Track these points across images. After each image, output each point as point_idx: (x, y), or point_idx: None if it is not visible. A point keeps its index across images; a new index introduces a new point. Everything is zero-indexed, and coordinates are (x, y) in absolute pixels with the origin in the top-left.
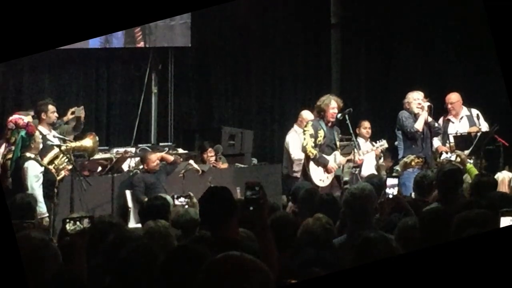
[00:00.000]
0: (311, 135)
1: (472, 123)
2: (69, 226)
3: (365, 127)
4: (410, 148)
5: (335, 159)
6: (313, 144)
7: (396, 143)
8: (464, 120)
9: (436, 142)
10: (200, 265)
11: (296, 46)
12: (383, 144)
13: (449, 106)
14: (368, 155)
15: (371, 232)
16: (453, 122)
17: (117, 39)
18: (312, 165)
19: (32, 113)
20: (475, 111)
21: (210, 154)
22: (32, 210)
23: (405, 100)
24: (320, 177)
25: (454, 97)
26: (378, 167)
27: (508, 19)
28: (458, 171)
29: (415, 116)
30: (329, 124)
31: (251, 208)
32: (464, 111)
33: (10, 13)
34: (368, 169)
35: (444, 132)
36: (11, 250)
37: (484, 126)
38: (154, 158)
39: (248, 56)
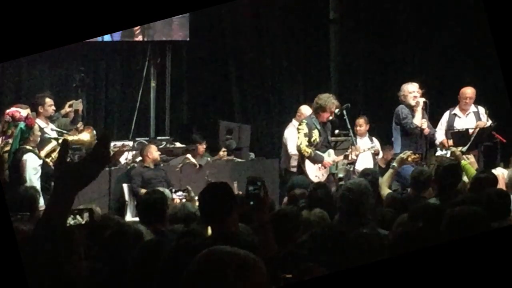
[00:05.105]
0: (305, 134)
1: (478, 119)
2: (68, 220)
3: (360, 124)
4: (407, 144)
5: (329, 155)
6: (307, 143)
7: (392, 138)
8: (471, 116)
9: (441, 136)
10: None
11: (295, 41)
12: (374, 146)
13: (467, 100)
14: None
15: (364, 228)
16: (459, 117)
17: (116, 33)
18: (307, 162)
19: (27, 107)
20: (482, 108)
21: (202, 148)
22: (34, 202)
23: (400, 93)
24: (315, 174)
25: (470, 92)
26: (374, 164)
27: (507, 18)
28: (458, 166)
29: (412, 110)
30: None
31: (251, 203)
32: (472, 107)
33: (9, 12)
34: (364, 165)
35: (449, 126)
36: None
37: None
38: (155, 150)
39: (246, 50)
